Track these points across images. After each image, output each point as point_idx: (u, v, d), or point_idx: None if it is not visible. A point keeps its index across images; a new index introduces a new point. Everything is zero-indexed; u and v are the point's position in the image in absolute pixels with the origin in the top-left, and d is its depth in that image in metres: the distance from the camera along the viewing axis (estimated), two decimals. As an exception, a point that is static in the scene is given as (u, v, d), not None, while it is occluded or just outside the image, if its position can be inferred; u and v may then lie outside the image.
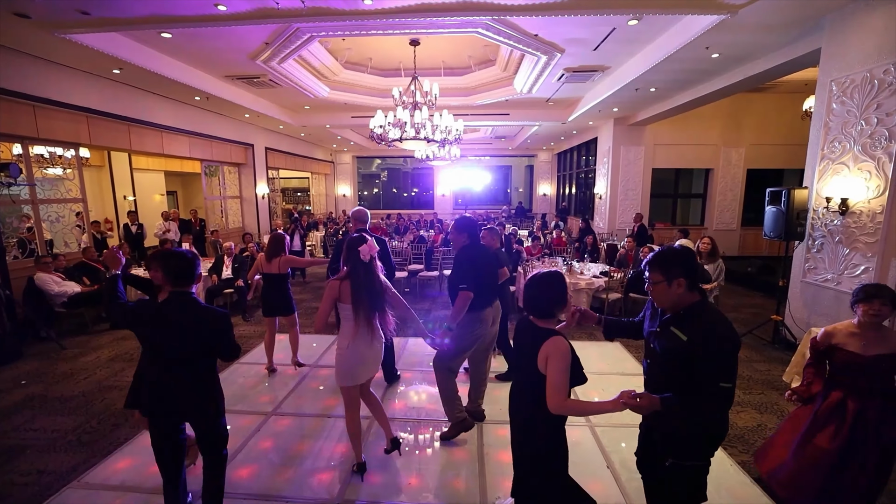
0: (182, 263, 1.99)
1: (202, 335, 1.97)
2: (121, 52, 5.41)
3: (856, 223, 4.06)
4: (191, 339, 1.96)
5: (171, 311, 1.95)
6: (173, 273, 1.98)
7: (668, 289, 1.66)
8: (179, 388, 1.99)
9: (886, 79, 3.75)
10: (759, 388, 3.95)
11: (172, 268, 1.99)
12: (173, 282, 1.99)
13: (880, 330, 2.11)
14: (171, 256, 2.02)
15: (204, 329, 1.97)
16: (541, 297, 1.80)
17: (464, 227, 3.08)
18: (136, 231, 8.31)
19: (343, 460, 2.84)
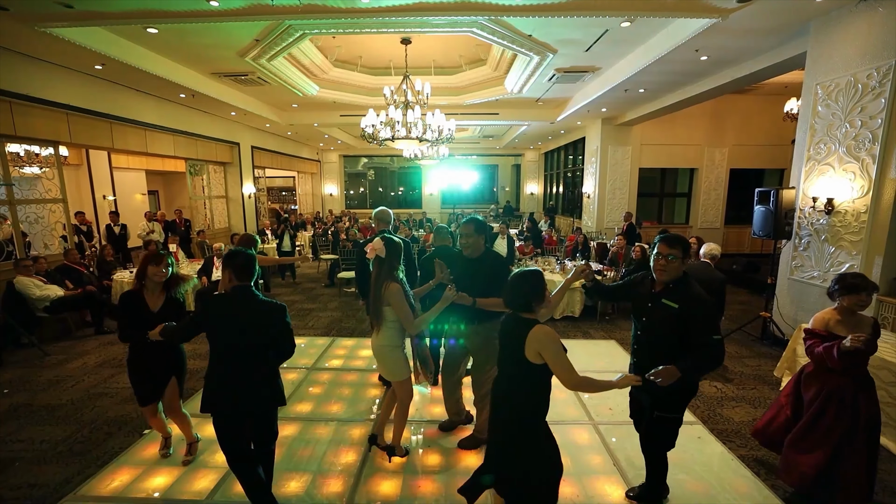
0: (246, 260, 2.15)
1: (265, 327, 2.10)
2: (104, 48, 5.22)
3: (841, 222, 4.21)
4: (254, 331, 2.07)
5: (235, 304, 2.09)
6: (238, 269, 2.12)
7: (680, 265, 2.08)
8: (248, 382, 2.09)
9: (870, 83, 3.89)
10: (752, 383, 4.06)
11: (237, 265, 2.13)
12: (237, 277, 2.13)
13: (856, 315, 2.29)
14: (236, 255, 2.17)
15: (265, 320, 2.10)
16: (520, 292, 1.88)
17: (482, 228, 2.78)
18: (120, 232, 8.04)
19: (350, 467, 2.81)
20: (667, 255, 2.07)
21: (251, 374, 2.09)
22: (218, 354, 2.10)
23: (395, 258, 2.53)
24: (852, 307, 2.26)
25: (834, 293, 2.34)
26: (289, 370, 4.25)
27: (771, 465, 2.82)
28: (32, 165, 6.68)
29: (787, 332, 4.75)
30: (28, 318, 5.00)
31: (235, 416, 2.11)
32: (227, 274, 2.18)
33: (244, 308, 2.08)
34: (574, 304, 5.95)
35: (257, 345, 2.08)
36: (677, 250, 2.07)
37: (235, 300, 2.09)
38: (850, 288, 2.25)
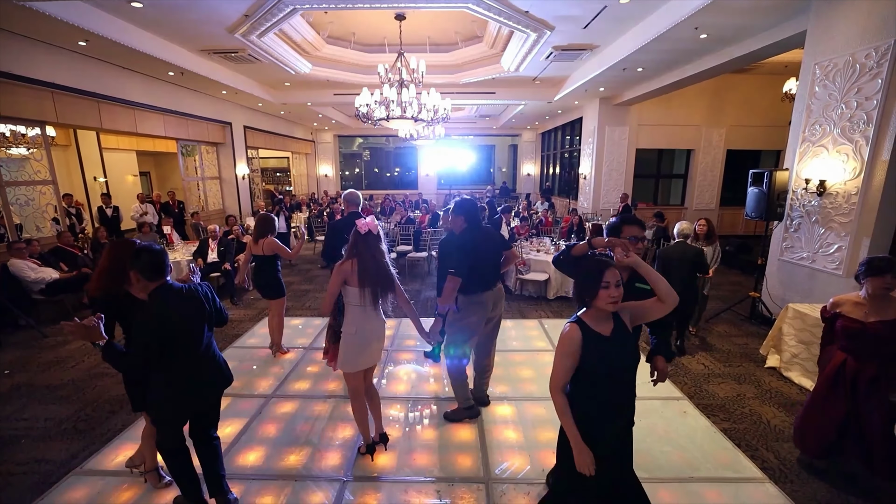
0: (155, 257, 1.93)
1: (207, 310, 2.09)
2: (86, 23, 5.06)
3: (832, 204, 4.25)
4: (202, 319, 2.06)
5: (179, 302, 1.98)
6: (150, 269, 1.92)
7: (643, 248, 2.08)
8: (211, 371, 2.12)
9: (868, 63, 3.86)
10: (738, 360, 4.18)
11: (147, 263, 1.91)
12: (155, 277, 1.94)
13: (885, 299, 2.28)
14: (143, 251, 1.92)
15: (206, 304, 2.09)
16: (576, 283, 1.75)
17: (461, 209, 2.90)
18: (112, 214, 7.98)
19: (348, 440, 2.90)
20: (642, 238, 2.04)
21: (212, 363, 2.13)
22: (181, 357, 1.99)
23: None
24: (877, 290, 2.24)
25: (860, 276, 2.33)
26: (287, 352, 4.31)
27: (749, 441, 2.94)
28: (19, 146, 6.56)
29: (774, 311, 4.85)
30: (24, 300, 5.01)
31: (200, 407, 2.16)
32: (134, 275, 1.95)
33: (187, 301, 2.01)
34: (568, 285, 6.02)
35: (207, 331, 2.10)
36: (643, 231, 2.09)
37: (176, 298, 1.96)
38: (875, 270, 2.23)
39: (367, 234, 2.42)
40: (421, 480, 2.55)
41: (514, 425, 3.08)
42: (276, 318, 4.19)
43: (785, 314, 3.89)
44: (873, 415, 2.27)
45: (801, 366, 3.69)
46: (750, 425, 3.10)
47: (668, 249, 4.19)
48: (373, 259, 2.41)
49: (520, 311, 5.59)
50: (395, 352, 4.31)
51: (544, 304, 5.86)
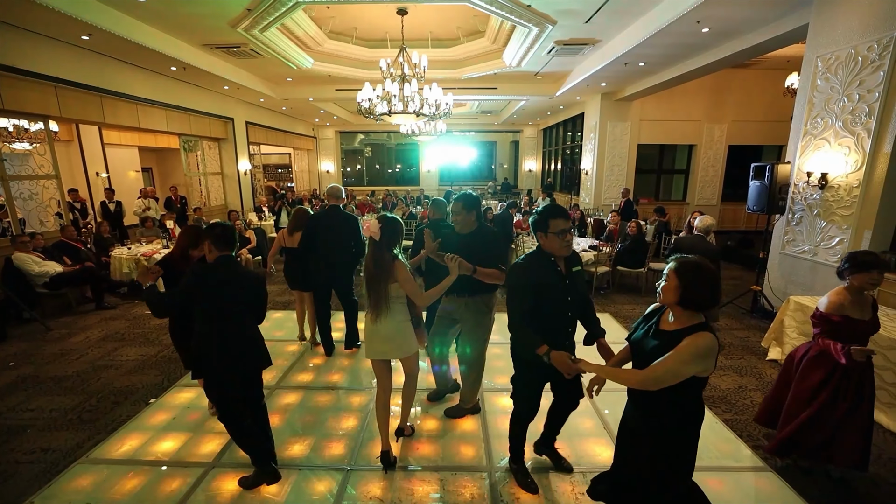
0: (226, 231, 2.26)
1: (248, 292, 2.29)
2: (90, 17, 5.07)
3: (833, 197, 4.25)
4: (239, 297, 2.26)
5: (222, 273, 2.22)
6: (219, 239, 2.23)
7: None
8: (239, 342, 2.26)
9: (870, 55, 3.85)
10: (739, 353, 4.19)
11: (218, 235, 2.23)
12: (220, 247, 2.24)
13: (862, 295, 2.27)
14: (216, 226, 2.28)
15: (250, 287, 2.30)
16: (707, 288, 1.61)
17: (472, 204, 2.65)
18: (115, 209, 8.00)
19: (351, 430, 2.93)
20: (570, 229, 1.97)
21: (241, 335, 2.27)
22: (209, 319, 2.22)
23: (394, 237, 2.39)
24: (863, 286, 2.19)
25: (844, 271, 2.26)
26: (290, 342, 4.34)
27: (751, 432, 2.95)
28: (22, 141, 6.59)
29: (776, 304, 4.86)
30: (28, 293, 5.04)
31: (230, 374, 2.26)
32: (206, 245, 2.28)
33: (231, 276, 2.23)
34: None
35: (241, 309, 2.28)
36: (569, 221, 2.00)
37: (222, 268, 2.23)
38: (861, 265, 2.17)
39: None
40: (424, 468, 2.57)
41: (515, 416, 3.10)
42: (309, 310, 4.19)
43: (786, 307, 3.90)
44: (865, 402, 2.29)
45: (801, 358, 3.70)
46: (751, 416, 3.11)
47: (685, 239, 4.19)
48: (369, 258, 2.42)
49: (521, 306, 5.60)
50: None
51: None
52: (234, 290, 2.23)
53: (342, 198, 4.00)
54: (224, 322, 2.23)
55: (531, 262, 2.05)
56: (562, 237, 1.94)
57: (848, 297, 2.27)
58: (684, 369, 1.51)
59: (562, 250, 1.98)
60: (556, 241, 1.96)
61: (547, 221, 1.96)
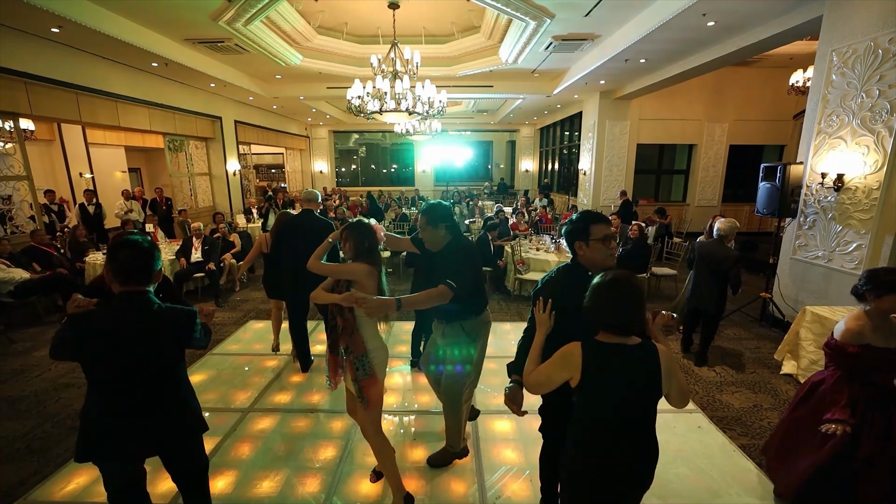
0: (134, 258, 1.52)
1: (168, 340, 1.59)
2: (58, 7, 4.74)
3: (850, 199, 3.99)
4: (156, 348, 1.56)
5: (125, 318, 1.52)
6: (120, 271, 1.53)
7: None
8: (150, 412, 1.60)
9: (891, 48, 3.60)
10: (752, 366, 3.93)
11: (121, 263, 1.52)
12: (123, 279, 1.54)
13: (888, 319, 1.96)
14: (122, 246, 1.54)
15: (168, 333, 1.59)
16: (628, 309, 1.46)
17: (436, 218, 2.25)
18: (94, 211, 7.66)
19: (328, 463, 2.63)
20: (614, 236, 1.73)
21: (158, 403, 1.61)
22: (105, 386, 1.55)
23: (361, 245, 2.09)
24: (892, 309, 1.91)
25: (865, 292, 1.97)
26: (268, 357, 4.04)
27: (774, 457, 2.68)
28: (-6, 140, 6.24)
29: (787, 312, 4.61)
30: (-8, 303, 4.72)
31: (135, 458, 1.66)
32: (106, 271, 1.59)
33: (138, 320, 1.53)
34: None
35: (161, 365, 1.59)
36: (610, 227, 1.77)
37: (124, 312, 1.53)
38: (887, 286, 1.88)
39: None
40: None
41: (513, 444, 2.82)
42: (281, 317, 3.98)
43: (802, 318, 3.63)
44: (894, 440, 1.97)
45: (820, 374, 3.43)
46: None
47: (705, 245, 3.94)
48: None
49: (518, 313, 5.33)
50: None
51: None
52: (141, 341, 1.52)
53: (317, 202, 3.71)
54: (127, 386, 1.54)
55: (562, 275, 1.75)
56: (606, 244, 1.68)
57: (869, 324, 1.97)
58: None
59: (606, 260, 1.69)
60: (600, 250, 1.68)
61: (588, 227, 1.69)
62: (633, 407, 1.44)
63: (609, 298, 1.41)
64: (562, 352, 1.48)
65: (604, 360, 1.43)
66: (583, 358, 1.43)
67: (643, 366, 1.42)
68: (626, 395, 1.43)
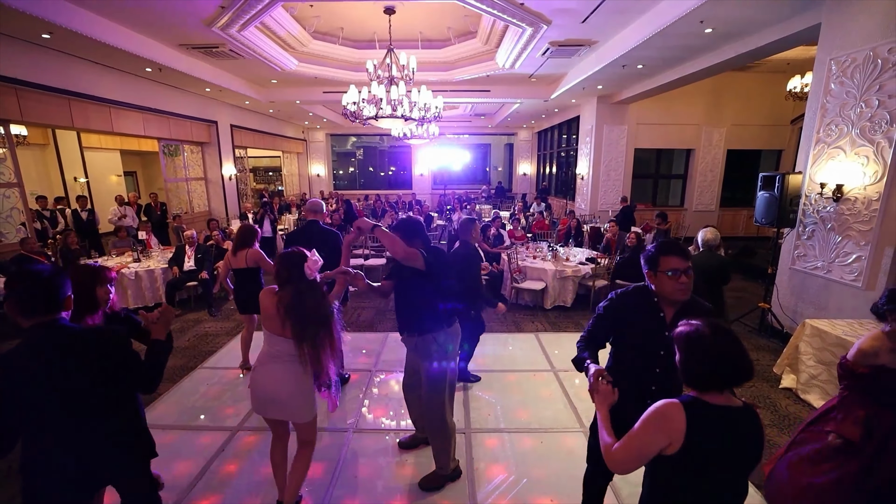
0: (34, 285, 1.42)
1: (94, 365, 1.44)
2: (48, 13, 4.68)
3: (850, 210, 3.95)
4: (82, 379, 1.42)
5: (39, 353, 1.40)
6: (23, 302, 1.42)
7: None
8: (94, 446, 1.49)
9: (891, 58, 3.56)
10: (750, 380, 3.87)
11: (20, 295, 1.42)
12: (27, 313, 1.43)
13: None
14: (19, 278, 1.44)
15: (89, 362, 1.44)
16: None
17: (411, 232, 2.29)
18: (87, 217, 7.59)
19: (318, 483, 2.57)
20: (686, 270, 1.64)
21: (96, 436, 1.49)
22: (37, 428, 1.44)
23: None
24: None
25: (886, 312, 1.89)
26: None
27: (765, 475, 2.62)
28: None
29: (786, 323, 4.56)
30: (-20, 313, 4.64)
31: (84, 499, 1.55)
32: (12, 307, 1.44)
33: (52, 355, 1.41)
34: (566, 294, 5.71)
35: (98, 395, 1.47)
36: (691, 261, 1.68)
37: (36, 347, 1.41)
38: None
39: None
40: (399, 534, 2.22)
41: (504, 463, 2.76)
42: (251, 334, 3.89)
43: (802, 331, 3.58)
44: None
45: (820, 388, 3.38)
46: (769, 460, 2.79)
47: (695, 257, 3.89)
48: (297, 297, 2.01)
49: (515, 323, 5.27)
50: (378, 372, 3.98)
51: (541, 315, 5.54)
52: (62, 373, 1.40)
53: (321, 212, 3.66)
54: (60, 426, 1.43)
55: (631, 294, 1.82)
56: (675, 277, 1.63)
57: (887, 345, 1.88)
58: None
59: (675, 294, 1.66)
60: (667, 282, 1.66)
61: (658, 258, 1.67)
62: (732, 479, 1.27)
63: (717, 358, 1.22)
64: (658, 412, 1.25)
65: (711, 426, 1.22)
66: (687, 421, 1.21)
67: (750, 430, 1.25)
68: (728, 468, 1.24)
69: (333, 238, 3.55)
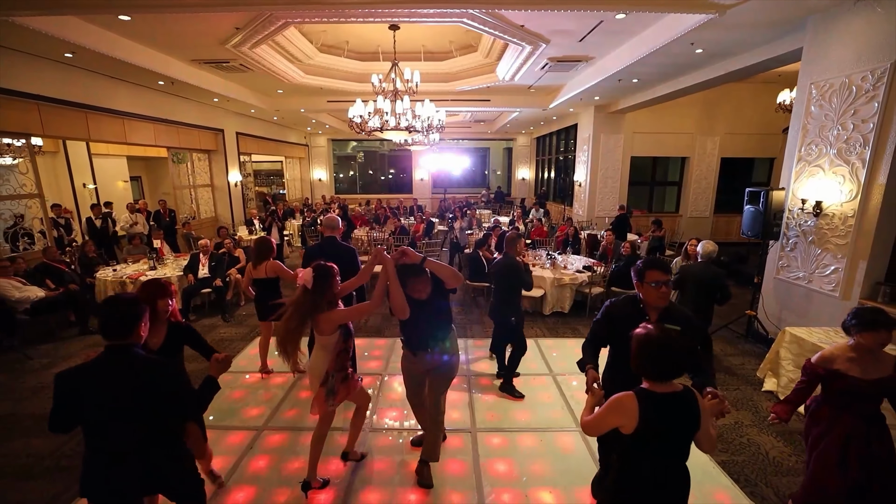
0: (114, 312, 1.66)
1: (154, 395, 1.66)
2: (73, 36, 4.94)
3: (828, 225, 4.23)
4: (136, 401, 1.63)
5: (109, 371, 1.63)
6: (102, 325, 1.68)
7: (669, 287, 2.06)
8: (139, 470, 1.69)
9: (864, 85, 3.85)
10: (735, 383, 4.15)
11: (103, 317, 1.67)
12: (104, 334, 1.67)
13: (874, 353, 2.13)
14: (106, 304, 1.70)
15: (153, 387, 1.66)
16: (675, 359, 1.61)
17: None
18: (101, 225, 7.83)
19: (342, 477, 2.83)
20: (666, 282, 2.03)
21: (146, 457, 1.70)
22: (96, 432, 1.67)
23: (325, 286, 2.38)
24: (871, 345, 2.09)
25: (851, 328, 2.16)
26: (276, 374, 4.23)
27: (748, 475, 2.90)
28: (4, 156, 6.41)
29: (770, 330, 4.84)
30: (7, 320, 4.88)
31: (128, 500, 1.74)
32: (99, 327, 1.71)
33: (122, 378, 1.63)
34: (564, 301, 5.98)
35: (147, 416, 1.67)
36: (670, 274, 2.07)
37: (109, 365, 1.64)
38: (868, 324, 2.07)
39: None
40: (415, 523, 2.49)
41: (508, 459, 3.03)
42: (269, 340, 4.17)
43: (782, 338, 3.86)
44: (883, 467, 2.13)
45: (798, 391, 3.66)
46: (748, 457, 3.07)
47: (690, 267, 4.19)
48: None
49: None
50: (389, 376, 4.24)
51: (540, 321, 5.81)
52: (121, 393, 1.62)
53: (338, 228, 3.92)
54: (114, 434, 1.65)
55: (622, 301, 2.23)
56: (657, 288, 2.02)
57: (848, 353, 2.17)
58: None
59: (657, 301, 2.05)
60: (651, 292, 2.05)
61: (644, 272, 2.06)
62: (677, 448, 1.61)
63: (656, 356, 1.56)
64: (617, 400, 1.60)
65: (657, 409, 1.55)
66: (639, 408, 1.55)
67: (689, 411, 1.58)
68: (672, 438, 1.59)
69: (350, 254, 3.81)
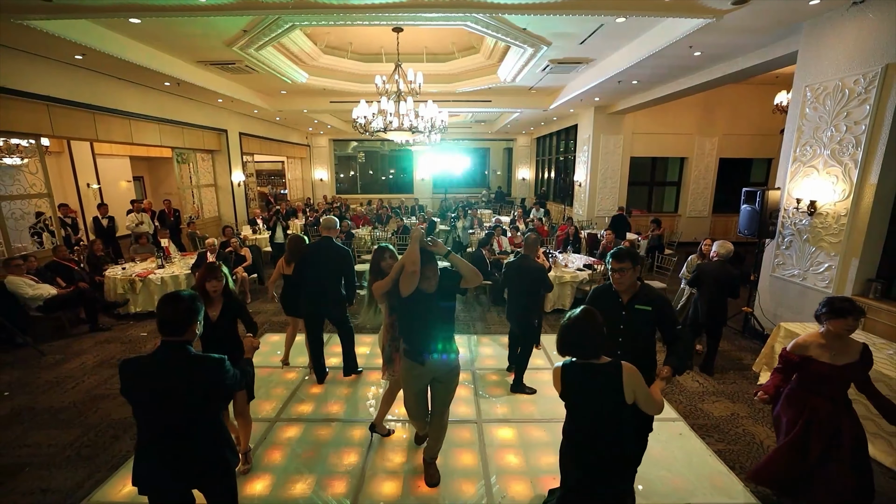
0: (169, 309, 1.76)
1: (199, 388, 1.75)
2: (83, 38, 5.04)
3: (822, 224, 4.36)
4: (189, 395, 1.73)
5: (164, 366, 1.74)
6: (160, 322, 1.77)
7: (633, 273, 2.31)
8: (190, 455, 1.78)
9: (856, 88, 3.97)
10: (732, 377, 4.28)
11: (161, 314, 1.76)
12: (162, 331, 1.77)
13: (843, 339, 2.30)
14: (163, 300, 1.80)
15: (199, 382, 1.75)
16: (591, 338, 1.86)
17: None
18: (108, 224, 7.92)
19: (352, 467, 2.95)
20: (619, 269, 2.30)
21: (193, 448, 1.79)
22: (150, 429, 1.76)
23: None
24: (839, 331, 2.26)
25: (821, 316, 2.32)
26: (288, 370, 4.35)
27: (743, 463, 3.03)
28: (13, 156, 6.50)
29: (766, 326, 4.97)
30: (20, 317, 4.98)
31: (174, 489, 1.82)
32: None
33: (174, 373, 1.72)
34: (564, 298, 6.10)
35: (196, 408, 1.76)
36: (627, 263, 2.29)
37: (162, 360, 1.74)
38: (837, 312, 2.23)
39: None
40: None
41: (514, 449, 3.15)
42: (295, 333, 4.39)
43: (777, 333, 3.99)
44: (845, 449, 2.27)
45: (792, 384, 3.78)
46: (744, 447, 3.20)
47: (706, 266, 4.35)
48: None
49: (518, 325, 5.65)
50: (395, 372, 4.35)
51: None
52: (175, 387, 1.71)
53: (336, 229, 4.04)
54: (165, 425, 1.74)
55: (603, 287, 2.50)
56: (613, 274, 2.35)
57: (819, 340, 2.34)
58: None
59: (616, 284, 2.36)
60: (612, 277, 2.37)
61: (609, 262, 2.37)
62: (603, 416, 1.87)
63: (575, 331, 1.86)
64: (554, 371, 1.97)
65: (577, 377, 1.88)
66: (562, 376, 1.91)
67: (609, 381, 1.83)
68: (596, 406, 1.87)
69: (344, 255, 3.93)
